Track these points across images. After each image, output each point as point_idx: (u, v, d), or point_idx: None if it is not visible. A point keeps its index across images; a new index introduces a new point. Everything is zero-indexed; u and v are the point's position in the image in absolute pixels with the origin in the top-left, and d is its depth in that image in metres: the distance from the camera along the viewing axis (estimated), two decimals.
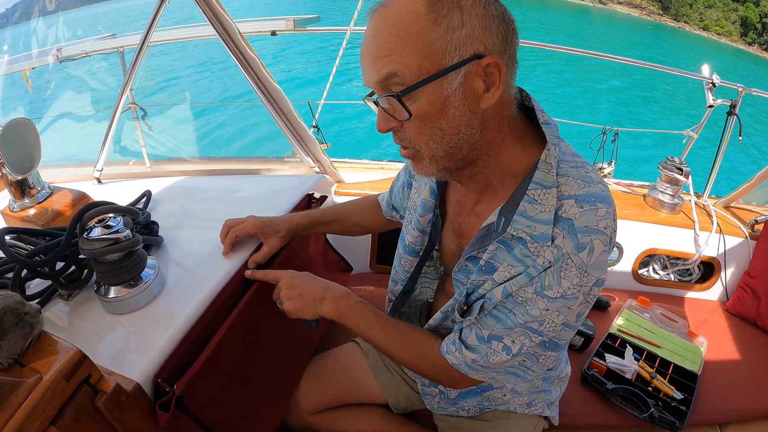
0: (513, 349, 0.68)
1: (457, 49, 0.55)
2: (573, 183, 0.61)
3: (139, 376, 0.63)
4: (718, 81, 1.68)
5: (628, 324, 1.43)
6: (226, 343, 0.77)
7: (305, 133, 1.34)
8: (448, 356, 0.74)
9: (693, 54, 19.24)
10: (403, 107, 0.58)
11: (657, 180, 1.66)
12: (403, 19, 0.55)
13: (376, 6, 0.58)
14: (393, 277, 0.89)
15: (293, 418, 1.00)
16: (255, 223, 0.93)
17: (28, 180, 0.97)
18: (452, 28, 0.54)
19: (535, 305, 0.64)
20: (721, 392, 1.24)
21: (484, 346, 0.70)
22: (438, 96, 0.57)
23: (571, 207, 0.60)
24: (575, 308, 0.63)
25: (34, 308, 0.53)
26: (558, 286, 0.61)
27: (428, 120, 0.59)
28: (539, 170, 0.62)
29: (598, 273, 0.61)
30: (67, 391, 0.51)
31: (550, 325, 0.65)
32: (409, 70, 0.55)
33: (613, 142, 2.08)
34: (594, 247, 0.59)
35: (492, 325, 0.69)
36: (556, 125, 0.64)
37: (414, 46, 0.55)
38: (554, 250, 0.61)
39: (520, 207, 0.63)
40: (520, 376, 0.77)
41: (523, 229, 0.62)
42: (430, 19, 0.54)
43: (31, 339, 0.52)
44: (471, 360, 0.71)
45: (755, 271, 1.55)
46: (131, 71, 1.23)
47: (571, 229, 0.59)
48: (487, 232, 0.68)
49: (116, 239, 0.68)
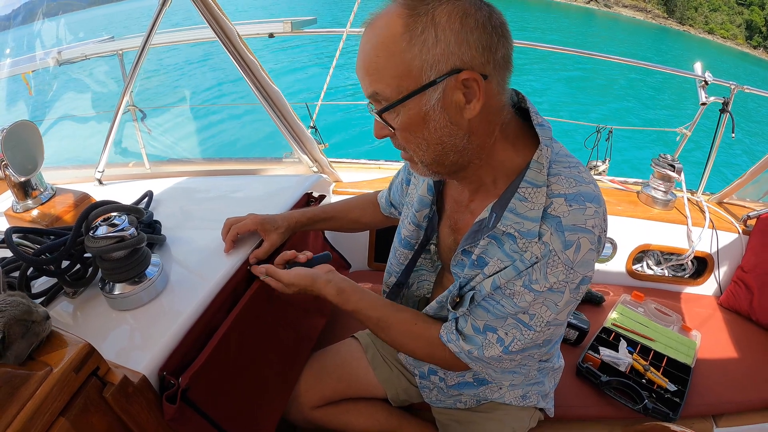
0: (506, 341, 0.70)
1: (433, 67, 0.56)
2: (564, 182, 0.63)
3: (145, 369, 0.64)
4: (711, 79, 1.71)
5: (622, 318, 1.45)
6: (228, 338, 0.79)
7: (303, 133, 1.36)
8: (449, 344, 0.76)
9: (698, 57, 19.35)
10: (381, 125, 0.63)
11: (650, 177, 1.68)
12: (382, 40, 0.57)
13: (366, 20, 0.61)
14: (387, 269, 0.92)
15: (294, 412, 1.02)
16: (255, 220, 0.95)
17: (31, 181, 0.98)
18: (427, 46, 0.56)
19: (523, 298, 0.66)
20: (715, 384, 1.26)
21: (479, 337, 0.72)
22: (418, 111, 0.59)
23: (560, 205, 0.62)
24: (562, 305, 0.66)
25: (42, 315, 0.54)
26: (545, 281, 0.64)
27: (412, 132, 0.62)
28: (531, 169, 0.64)
29: (584, 270, 0.63)
30: (76, 383, 0.53)
31: (538, 320, 0.67)
32: (390, 89, 0.59)
33: (607, 140, 2.11)
34: (581, 245, 0.61)
35: (483, 316, 0.72)
36: (550, 127, 0.67)
37: (392, 67, 0.57)
38: (541, 246, 0.63)
39: (511, 204, 0.65)
40: (516, 372, 0.79)
41: (512, 225, 0.65)
42: (405, 39, 0.56)
43: (35, 346, 0.53)
44: (467, 350, 0.74)
45: (748, 265, 1.58)
46: (132, 74, 1.24)
47: (558, 227, 0.62)
48: (479, 227, 0.70)
49: (122, 237, 0.70)
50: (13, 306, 0.53)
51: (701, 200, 1.73)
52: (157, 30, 1.16)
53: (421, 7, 0.56)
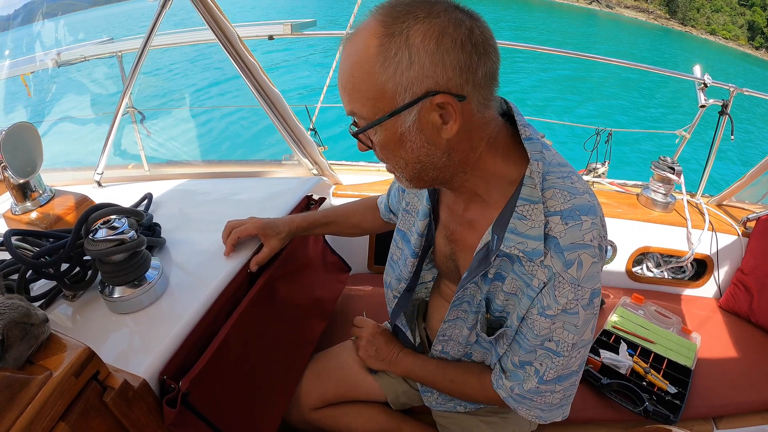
0: (540, 371, 0.70)
1: (407, 90, 0.55)
2: (558, 196, 0.62)
3: (145, 373, 0.64)
4: (710, 81, 1.71)
5: (623, 321, 1.45)
6: (229, 342, 0.78)
7: (303, 136, 1.35)
8: (498, 391, 0.78)
9: (700, 58, 19.32)
10: (361, 142, 0.63)
11: (650, 179, 1.68)
12: (358, 60, 0.56)
13: (346, 35, 0.60)
14: (397, 276, 0.91)
15: (295, 415, 1.02)
16: (256, 224, 0.94)
17: (30, 183, 0.98)
18: (401, 69, 0.54)
19: (541, 326, 0.66)
20: (715, 386, 1.26)
21: (520, 371, 0.73)
22: (393, 132, 0.59)
23: (557, 224, 0.62)
24: (581, 324, 0.65)
25: (41, 318, 0.53)
26: (556, 304, 0.64)
27: (390, 150, 0.62)
28: (525, 186, 0.63)
29: (591, 284, 0.63)
30: (76, 388, 0.52)
31: (563, 345, 0.67)
32: (365, 110, 0.58)
33: (607, 142, 2.11)
34: (582, 261, 0.61)
35: (518, 351, 0.72)
36: (542, 135, 0.66)
37: (366, 88, 0.57)
38: (545, 270, 0.63)
39: (511, 224, 0.64)
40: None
41: (516, 246, 0.64)
42: (379, 61, 0.55)
43: (34, 349, 0.52)
44: (509, 388, 0.75)
45: (747, 267, 1.58)
46: (132, 75, 1.24)
47: (557, 248, 0.61)
48: (486, 252, 0.69)
49: (122, 240, 0.70)
50: (12, 309, 0.53)
51: (701, 202, 1.73)
52: (158, 32, 1.16)
53: (396, 26, 0.54)
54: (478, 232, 0.72)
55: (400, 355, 0.95)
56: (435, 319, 0.94)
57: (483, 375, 0.83)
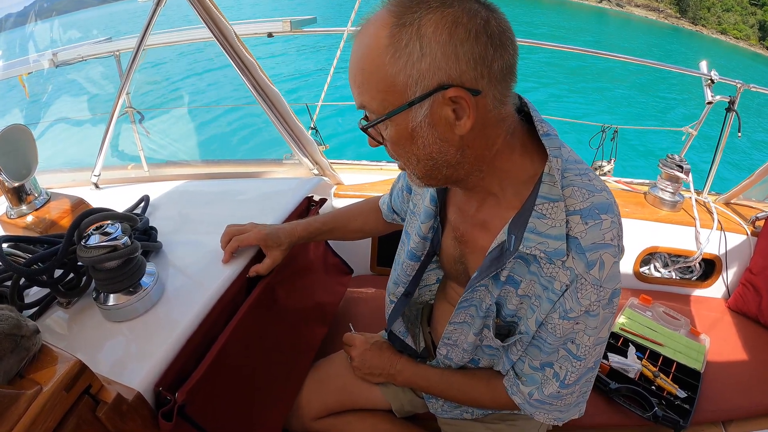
0: (560, 374, 0.69)
1: (419, 83, 0.53)
2: (578, 194, 0.60)
3: (140, 385, 0.62)
4: (717, 77, 1.68)
5: (631, 322, 1.42)
6: (227, 350, 0.76)
7: (303, 135, 1.33)
8: (513, 397, 0.77)
9: (710, 57, 19.32)
10: (371, 137, 0.61)
11: (657, 178, 1.65)
12: (368, 52, 0.54)
13: (357, 27, 0.58)
14: (395, 280, 0.89)
15: (295, 424, 1.00)
16: (258, 235, 0.92)
17: (25, 186, 0.96)
18: (412, 61, 0.52)
19: (563, 328, 0.65)
20: (725, 390, 1.23)
21: (538, 374, 0.71)
22: (405, 127, 0.56)
23: (577, 224, 0.60)
24: (599, 324, 0.64)
25: (31, 329, 0.51)
26: (578, 306, 0.62)
27: (401, 146, 0.59)
28: (544, 183, 0.61)
29: (612, 284, 0.61)
30: (67, 402, 0.51)
31: (584, 348, 0.65)
32: (376, 103, 0.56)
33: (612, 140, 2.08)
34: (604, 261, 0.59)
35: (537, 354, 0.70)
36: (556, 133, 0.63)
37: (377, 81, 0.54)
38: (567, 272, 0.61)
39: (530, 224, 0.62)
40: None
41: (536, 247, 0.62)
42: (389, 53, 0.52)
43: (25, 362, 0.51)
44: (527, 394, 0.73)
45: (757, 267, 1.55)
46: (127, 75, 1.22)
47: (578, 249, 0.59)
48: (501, 252, 0.66)
49: (115, 246, 0.68)
50: (2, 320, 0.51)
51: (709, 201, 1.70)
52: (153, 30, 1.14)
53: (407, 16, 0.51)
54: (491, 233, 0.69)
55: (398, 367, 0.92)
56: (440, 324, 0.92)
57: (492, 381, 0.81)
